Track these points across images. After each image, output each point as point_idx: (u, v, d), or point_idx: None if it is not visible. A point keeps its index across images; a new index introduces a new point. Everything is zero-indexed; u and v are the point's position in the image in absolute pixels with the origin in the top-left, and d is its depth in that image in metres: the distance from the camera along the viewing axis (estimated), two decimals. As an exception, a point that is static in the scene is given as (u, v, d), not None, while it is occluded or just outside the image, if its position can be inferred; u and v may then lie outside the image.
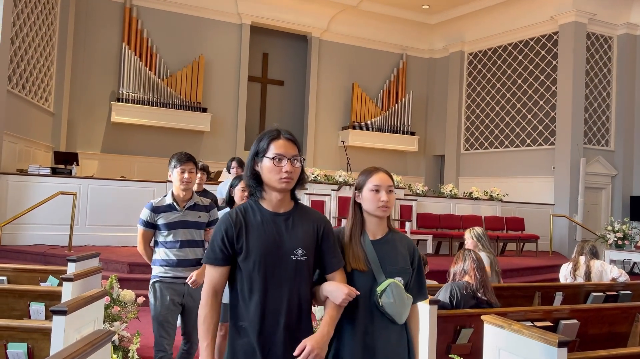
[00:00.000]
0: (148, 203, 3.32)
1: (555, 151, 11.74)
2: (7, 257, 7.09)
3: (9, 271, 3.82)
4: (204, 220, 3.39)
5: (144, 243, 3.35)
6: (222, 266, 1.93)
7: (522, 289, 4.58)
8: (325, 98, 13.55)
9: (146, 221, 3.29)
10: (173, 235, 3.26)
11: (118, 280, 4.34)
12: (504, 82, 13.12)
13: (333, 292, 1.94)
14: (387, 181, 2.13)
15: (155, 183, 8.70)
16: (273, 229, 1.93)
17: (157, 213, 3.26)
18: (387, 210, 2.11)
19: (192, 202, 3.36)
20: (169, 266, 3.26)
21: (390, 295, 2.00)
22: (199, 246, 3.37)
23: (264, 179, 1.95)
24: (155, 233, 3.32)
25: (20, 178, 7.98)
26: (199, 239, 3.38)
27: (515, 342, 2.48)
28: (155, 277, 3.29)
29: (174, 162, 3.29)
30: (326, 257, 2.02)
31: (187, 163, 3.29)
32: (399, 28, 14.08)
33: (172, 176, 3.31)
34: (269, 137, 1.98)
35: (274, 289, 1.90)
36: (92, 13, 11.26)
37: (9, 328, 2.53)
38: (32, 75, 9.10)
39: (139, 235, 3.34)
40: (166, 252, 3.27)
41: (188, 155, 3.34)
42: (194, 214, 3.35)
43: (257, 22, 12.70)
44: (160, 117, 11.38)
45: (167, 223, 3.26)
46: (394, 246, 2.14)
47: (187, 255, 3.29)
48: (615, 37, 12.07)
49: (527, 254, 10.35)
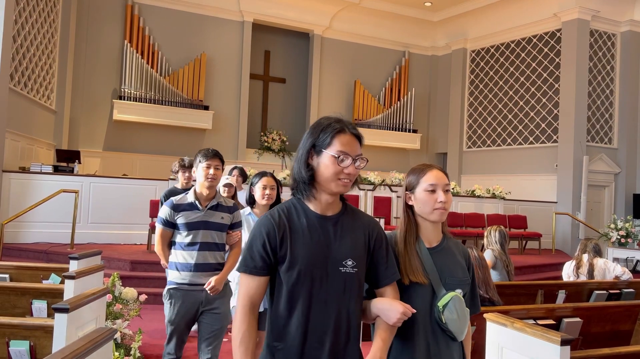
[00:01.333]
0: (168, 201, 3.12)
1: (558, 149, 11.71)
2: (10, 255, 7.11)
3: (12, 269, 3.82)
4: (226, 222, 3.16)
5: (162, 243, 3.12)
6: (262, 276, 1.67)
7: (524, 287, 4.57)
8: (327, 96, 13.53)
9: (166, 220, 3.07)
10: (192, 236, 3.03)
11: (120, 278, 4.35)
12: (507, 79, 13.08)
13: (386, 311, 1.69)
14: (444, 179, 1.90)
15: (157, 181, 8.71)
16: (320, 235, 1.67)
17: (177, 212, 3.05)
18: (445, 212, 1.88)
19: (215, 202, 3.13)
20: (186, 270, 3.02)
21: (453, 310, 1.77)
22: (220, 249, 3.14)
23: (319, 177, 1.68)
24: (173, 233, 3.10)
25: (23, 176, 7.99)
26: (221, 242, 3.14)
27: (518, 340, 2.47)
28: (171, 284, 3.06)
29: (199, 157, 3.11)
30: (379, 269, 1.76)
31: (214, 158, 3.10)
32: (401, 25, 14.05)
33: (197, 172, 3.11)
34: (332, 130, 1.68)
35: (319, 306, 1.64)
36: (94, 11, 11.26)
37: (11, 326, 2.53)
38: (34, 73, 9.10)
39: (157, 235, 3.14)
40: (184, 255, 3.04)
41: (215, 151, 3.15)
42: (217, 215, 3.12)
43: (259, 20, 12.68)
44: (162, 114, 11.38)
45: (187, 223, 3.04)
46: (452, 255, 1.93)
47: (207, 258, 3.05)
48: (618, 34, 12.02)
49: (529, 252, 10.33)
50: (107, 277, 4.18)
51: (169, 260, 3.10)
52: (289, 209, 1.72)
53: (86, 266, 3.54)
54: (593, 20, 11.62)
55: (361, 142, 1.72)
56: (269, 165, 12.35)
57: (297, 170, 1.71)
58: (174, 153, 11.48)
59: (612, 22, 11.84)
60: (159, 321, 5.33)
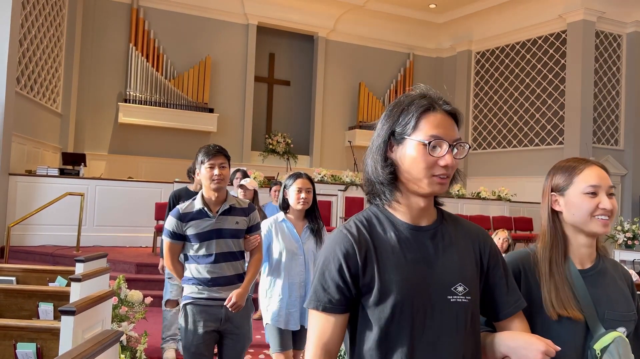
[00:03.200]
0: (174, 210, 2.76)
1: (564, 150, 11.66)
2: (16, 258, 7.13)
3: (18, 272, 3.83)
4: (242, 227, 2.80)
5: (172, 257, 2.78)
6: (340, 314, 1.22)
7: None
8: (332, 98, 13.53)
9: (173, 232, 2.72)
10: (206, 248, 2.68)
11: (126, 281, 4.35)
12: (512, 81, 13.04)
13: (520, 349, 1.23)
14: (607, 180, 1.46)
15: (162, 184, 8.72)
16: (417, 253, 1.24)
17: (185, 222, 2.69)
18: (609, 223, 1.43)
19: (226, 205, 2.76)
20: (202, 285, 2.70)
21: (615, 356, 1.32)
22: (237, 259, 2.80)
23: (404, 174, 1.25)
24: (184, 245, 2.76)
25: (29, 179, 8.03)
26: (238, 250, 2.80)
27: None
28: (187, 298, 2.74)
29: (200, 156, 2.73)
30: (499, 294, 1.31)
31: (217, 156, 2.71)
32: (406, 27, 14.04)
33: (200, 174, 2.74)
34: (418, 109, 1.26)
35: (425, 351, 1.20)
36: (100, 14, 11.31)
37: (18, 328, 2.54)
38: (40, 76, 9.15)
39: (165, 249, 2.79)
40: (198, 269, 2.71)
41: (218, 147, 2.77)
42: (231, 220, 2.76)
43: (264, 23, 12.70)
44: (167, 117, 11.41)
45: (198, 234, 2.68)
46: (611, 280, 1.48)
47: (224, 271, 2.71)
48: (624, 35, 11.97)
49: (535, 254, 10.26)
50: (113, 280, 4.18)
51: (184, 274, 2.79)
52: (369, 220, 1.28)
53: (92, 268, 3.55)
54: (598, 21, 11.58)
55: (458, 122, 1.32)
56: (274, 167, 12.35)
57: (371, 167, 1.28)
58: (179, 156, 11.51)
59: (617, 23, 11.79)
60: (164, 323, 5.32)
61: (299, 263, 3.03)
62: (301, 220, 3.15)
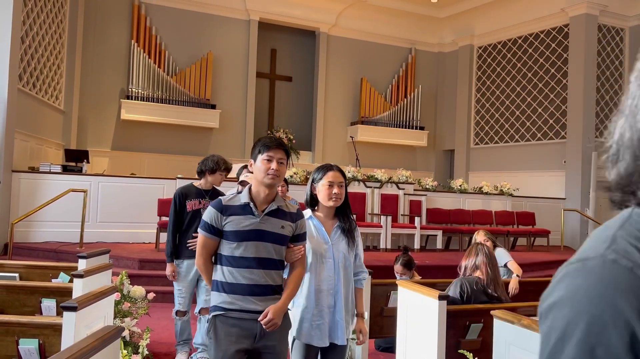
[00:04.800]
0: (216, 201, 2.46)
1: (567, 145, 11.64)
2: (19, 254, 7.18)
3: (21, 268, 3.86)
4: (287, 233, 2.46)
5: (205, 255, 2.46)
6: None
7: (532, 284, 4.56)
8: (334, 94, 13.52)
9: (210, 226, 2.40)
10: (244, 249, 2.37)
11: (128, 276, 4.37)
12: (514, 75, 13.00)
13: None
14: None
15: (165, 180, 8.74)
16: None
17: (226, 215, 2.39)
18: None
19: (274, 206, 2.44)
20: (235, 293, 2.36)
21: None
22: (277, 268, 2.44)
23: None
24: (220, 242, 2.43)
25: (32, 176, 8.05)
26: (278, 258, 2.44)
27: (525, 337, 2.46)
28: (217, 309, 2.39)
29: (259, 146, 2.44)
30: None
31: (278, 150, 2.40)
32: (408, 22, 14.01)
33: (254, 165, 2.43)
34: None
35: None
36: (101, 11, 11.32)
37: (20, 324, 2.56)
38: (42, 73, 9.17)
39: (198, 245, 2.48)
40: (232, 272, 2.37)
41: (279, 141, 2.47)
42: (276, 223, 2.43)
43: (265, 18, 12.69)
44: (170, 114, 11.43)
45: (238, 231, 2.37)
46: None
47: (260, 279, 2.38)
48: (627, 28, 11.91)
49: (538, 249, 10.28)
50: (116, 276, 4.21)
51: (213, 278, 2.46)
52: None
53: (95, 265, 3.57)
54: (601, 15, 11.52)
55: None
56: (276, 163, 12.35)
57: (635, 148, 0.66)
58: (182, 152, 11.54)
59: (620, 16, 11.73)
60: (167, 319, 5.36)
61: (327, 268, 2.66)
62: (331, 219, 2.76)
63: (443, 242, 9.72)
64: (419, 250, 9.11)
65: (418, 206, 9.77)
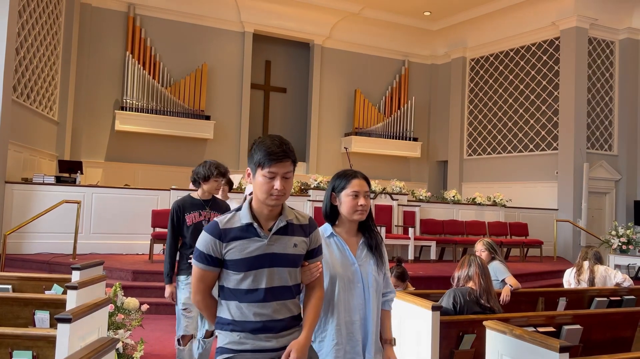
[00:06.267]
0: (211, 224, 1.98)
1: (559, 156, 11.74)
2: (13, 266, 7.14)
3: (14, 280, 3.84)
4: (301, 251, 2.03)
5: (203, 290, 2.01)
6: None
7: (525, 294, 4.58)
8: (328, 105, 13.59)
9: (207, 256, 1.94)
10: (253, 279, 1.93)
11: (122, 288, 4.36)
12: (506, 87, 13.13)
13: None
14: None
15: (159, 191, 8.74)
16: None
17: (226, 241, 1.93)
18: None
19: (283, 221, 1.99)
20: (245, 331, 1.94)
21: None
22: (293, 295, 2.03)
23: None
24: (221, 274, 1.99)
25: (25, 187, 8.03)
26: (294, 283, 2.02)
27: (517, 348, 2.49)
28: (225, 351, 1.96)
29: (259, 155, 1.93)
30: None
31: (283, 162, 1.93)
32: (401, 34, 14.14)
33: (254, 180, 1.96)
34: None
35: None
36: (96, 22, 11.36)
37: (14, 336, 2.55)
38: (36, 84, 9.17)
39: (194, 279, 2.01)
40: (240, 308, 1.95)
41: (284, 147, 1.96)
42: (287, 242, 1.99)
43: (260, 30, 12.77)
44: (164, 125, 11.44)
45: (243, 259, 1.92)
46: None
47: (275, 312, 1.96)
48: (617, 41, 12.08)
49: (531, 259, 10.32)
50: (109, 287, 4.20)
51: (218, 314, 2.02)
52: None
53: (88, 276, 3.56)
54: (591, 28, 11.69)
55: None
56: (270, 174, 12.36)
57: None
58: (176, 163, 11.54)
59: (610, 29, 11.91)
60: (160, 330, 5.35)
61: (357, 294, 2.24)
62: (354, 234, 2.35)
63: (437, 253, 9.75)
64: (412, 260, 9.13)
65: (412, 217, 9.81)
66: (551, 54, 12.16)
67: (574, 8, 11.44)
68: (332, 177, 2.40)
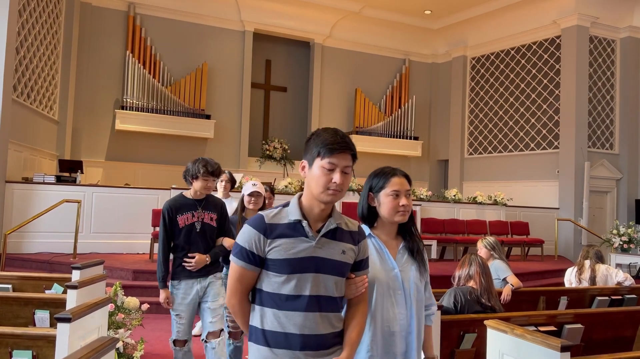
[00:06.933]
0: (255, 217, 1.78)
1: (560, 155, 11.72)
2: (13, 265, 7.14)
3: (14, 279, 3.84)
4: (349, 260, 1.82)
5: (241, 292, 1.79)
6: None
7: (526, 294, 4.57)
8: (329, 104, 13.58)
9: (249, 253, 1.74)
10: (296, 284, 1.72)
11: (122, 287, 4.35)
12: (507, 86, 13.12)
13: None
14: None
15: (159, 191, 8.73)
16: None
17: (271, 237, 1.73)
18: None
19: (332, 223, 1.80)
20: (281, 347, 1.72)
21: None
22: (337, 308, 1.81)
23: None
24: (260, 274, 1.78)
25: (26, 186, 8.03)
26: (339, 296, 1.81)
27: (518, 347, 2.48)
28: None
29: (319, 146, 1.76)
30: None
31: (343, 154, 1.77)
32: (402, 33, 14.12)
33: (310, 172, 1.79)
34: None
35: None
36: (96, 22, 11.35)
37: (14, 336, 2.55)
38: (37, 84, 9.17)
39: (231, 279, 1.79)
40: (278, 317, 1.73)
41: (345, 140, 1.79)
42: (336, 247, 1.79)
43: (260, 29, 12.76)
44: (164, 124, 11.43)
45: (288, 260, 1.72)
46: None
47: (317, 326, 1.73)
48: (618, 40, 12.06)
49: (532, 258, 10.31)
50: (110, 287, 4.19)
51: (251, 324, 1.80)
52: None
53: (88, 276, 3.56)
54: (592, 26, 11.67)
55: None
56: (271, 173, 12.37)
57: None
58: (176, 163, 11.53)
59: (611, 28, 11.88)
60: (160, 330, 5.34)
61: (398, 303, 2.04)
62: (393, 238, 2.17)
63: (438, 252, 9.74)
64: (413, 259, 9.10)
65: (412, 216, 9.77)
66: (552, 53, 12.14)
67: (575, 6, 11.41)
68: (369, 175, 2.19)
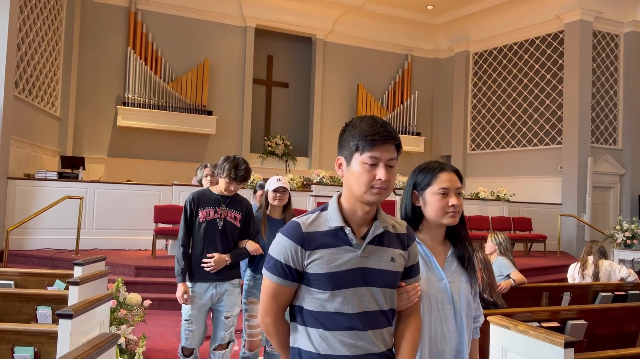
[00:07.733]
0: (290, 225, 1.54)
1: (563, 150, 11.68)
2: (15, 261, 7.14)
3: (17, 276, 3.84)
4: (399, 268, 1.59)
5: (276, 311, 1.57)
6: None
7: (529, 289, 4.55)
8: (331, 100, 13.55)
9: (285, 267, 1.51)
10: (343, 300, 1.49)
11: (124, 284, 4.36)
12: (510, 81, 13.06)
13: None
14: None
15: (161, 187, 8.73)
16: None
17: (310, 248, 1.50)
18: None
19: (379, 228, 1.55)
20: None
21: None
22: (389, 323, 1.59)
23: None
24: (298, 291, 1.55)
25: (28, 182, 8.03)
26: (390, 308, 1.58)
27: (521, 343, 2.46)
28: None
29: (357, 138, 1.52)
30: None
31: (387, 145, 1.53)
32: (404, 28, 14.07)
33: (349, 169, 1.55)
34: None
35: None
36: (98, 18, 11.33)
37: (15, 332, 2.55)
38: (38, 80, 9.16)
39: (264, 296, 1.57)
40: (325, 338, 1.50)
41: (387, 128, 1.55)
42: (384, 254, 1.56)
43: (262, 25, 12.72)
44: (166, 120, 11.43)
45: (332, 274, 1.49)
46: None
47: (369, 345, 1.52)
48: (621, 35, 11.99)
49: (535, 254, 10.29)
50: (112, 283, 4.19)
51: (291, 345, 1.58)
52: None
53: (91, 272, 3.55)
54: (596, 21, 11.60)
55: None
56: (273, 169, 12.37)
57: None
58: (178, 159, 11.54)
59: (615, 23, 11.81)
60: (163, 326, 5.35)
61: (447, 318, 1.79)
62: (440, 243, 1.89)
63: (440, 248, 9.71)
64: (415, 255, 9.09)
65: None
66: (555, 48, 12.08)
67: (578, 1, 11.35)
68: (413, 170, 1.91)
